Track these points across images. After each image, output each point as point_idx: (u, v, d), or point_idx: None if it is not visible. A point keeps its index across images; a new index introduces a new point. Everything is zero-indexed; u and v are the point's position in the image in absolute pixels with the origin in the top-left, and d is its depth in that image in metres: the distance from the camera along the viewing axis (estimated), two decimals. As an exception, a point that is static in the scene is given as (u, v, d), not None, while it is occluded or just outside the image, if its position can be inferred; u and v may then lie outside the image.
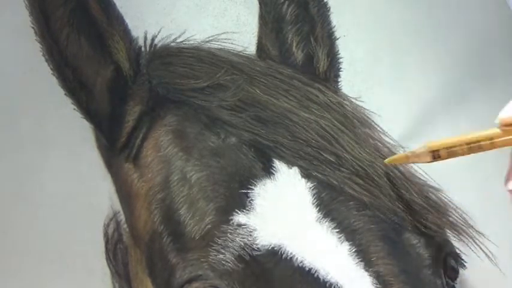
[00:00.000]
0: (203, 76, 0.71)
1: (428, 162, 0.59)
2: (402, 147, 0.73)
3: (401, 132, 0.77)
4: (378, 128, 0.74)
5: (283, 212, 0.63)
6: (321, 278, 0.58)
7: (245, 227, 0.61)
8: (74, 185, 0.76)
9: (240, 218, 0.61)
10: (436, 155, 0.58)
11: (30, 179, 0.75)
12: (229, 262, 0.59)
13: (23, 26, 0.74)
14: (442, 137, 0.92)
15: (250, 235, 0.60)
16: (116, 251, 0.74)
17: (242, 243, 0.60)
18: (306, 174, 0.65)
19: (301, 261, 0.59)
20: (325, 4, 0.83)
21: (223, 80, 0.71)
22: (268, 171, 0.65)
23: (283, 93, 0.70)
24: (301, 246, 0.60)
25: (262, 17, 0.81)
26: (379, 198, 0.64)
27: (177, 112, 0.71)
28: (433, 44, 0.96)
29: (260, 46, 0.81)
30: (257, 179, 0.64)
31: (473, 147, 0.58)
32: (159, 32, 0.77)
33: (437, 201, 0.68)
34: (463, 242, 0.68)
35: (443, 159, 0.59)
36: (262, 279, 0.59)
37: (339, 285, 0.58)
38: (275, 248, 0.60)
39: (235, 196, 0.63)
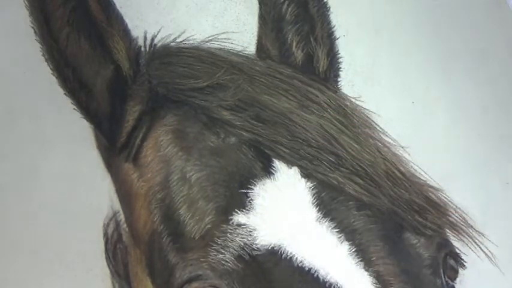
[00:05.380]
0: (203, 76, 0.71)
1: None
2: (402, 147, 0.73)
3: (401, 132, 0.76)
4: (378, 128, 0.74)
5: (283, 211, 0.63)
6: (321, 277, 0.58)
7: (245, 227, 0.61)
8: (74, 185, 0.76)
9: (239, 217, 0.61)
10: None
11: (30, 179, 0.75)
12: (229, 262, 0.59)
13: (23, 26, 0.74)
14: (442, 136, 0.93)
15: (250, 235, 0.60)
16: (115, 251, 0.74)
17: (242, 243, 0.60)
18: (306, 174, 0.65)
19: (301, 261, 0.59)
20: (325, 4, 0.83)
21: (223, 79, 0.71)
22: (268, 171, 0.65)
23: (283, 93, 0.70)
24: (301, 246, 0.60)
25: (262, 17, 0.81)
26: (379, 198, 0.64)
27: (177, 112, 0.71)
28: (433, 44, 0.96)
29: (260, 46, 0.81)
30: (257, 179, 0.64)
31: None
32: (159, 32, 0.77)
33: (437, 201, 0.68)
34: (463, 242, 0.68)
35: None
36: (262, 278, 0.59)
37: (338, 285, 0.58)
38: (275, 248, 0.60)
39: (235, 196, 0.63)
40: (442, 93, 0.93)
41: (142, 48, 0.76)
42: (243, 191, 0.63)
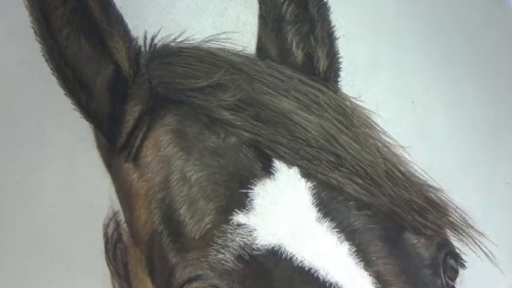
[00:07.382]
0: (203, 76, 0.71)
1: None
2: (402, 147, 0.73)
3: (401, 132, 0.76)
4: (378, 128, 0.74)
5: (283, 211, 0.63)
6: (321, 277, 0.58)
7: (245, 227, 0.61)
8: (74, 185, 0.76)
9: (239, 217, 0.61)
10: None
11: (30, 179, 0.75)
12: (229, 262, 0.59)
13: (23, 26, 0.74)
14: (442, 136, 0.93)
15: (250, 235, 0.60)
16: (115, 251, 0.74)
17: (242, 243, 0.60)
18: (306, 174, 0.65)
19: (301, 261, 0.59)
20: (325, 4, 0.83)
21: (223, 79, 0.71)
22: (268, 171, 0.65)
23: (283, 93, 0.70)
24: (301, 246, 0.60)
25: (262, 17, 0.81)
26: (379, 198, 0.64)
27: (177, 112, 0.71)
28: (433, 44, 0.96)
29: (260, 46, 0.81)
30: (257, 179, 0.64)
31: None
32: (159, 32, 0.77)
33: (437, 201, 0.68)
34: (463, 242, 0.68)
35: None
36: (262, 278, 0.59)
37: (338, 284, 0.58)
38: (275, 248, 0.60)
39: (235, 196, 0.63)
40: (442, 93, 0.93)
41: (142, 48, 0.76)
42: (243, 191, 0.63)
